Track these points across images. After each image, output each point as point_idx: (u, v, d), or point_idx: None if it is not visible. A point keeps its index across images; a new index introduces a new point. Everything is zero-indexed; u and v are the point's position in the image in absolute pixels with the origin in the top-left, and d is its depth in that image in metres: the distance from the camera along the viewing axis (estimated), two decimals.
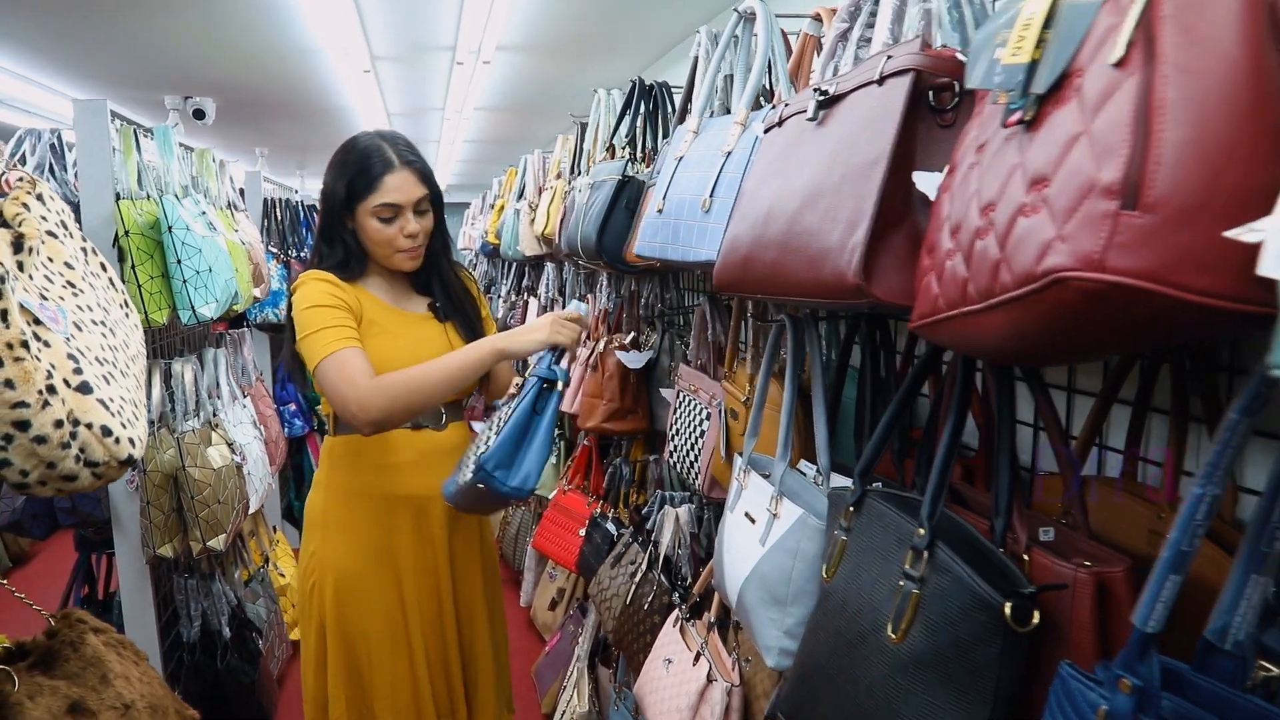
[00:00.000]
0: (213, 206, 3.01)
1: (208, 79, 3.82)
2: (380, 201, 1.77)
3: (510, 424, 1.65)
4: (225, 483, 2.75)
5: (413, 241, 1.82)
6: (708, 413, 2.01)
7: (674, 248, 1.35)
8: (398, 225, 1.80)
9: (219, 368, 3.16)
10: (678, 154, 1.43)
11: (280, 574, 3.75)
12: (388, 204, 1.77)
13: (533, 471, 1.65)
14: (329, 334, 1.72)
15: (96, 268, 1.41)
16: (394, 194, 1.78)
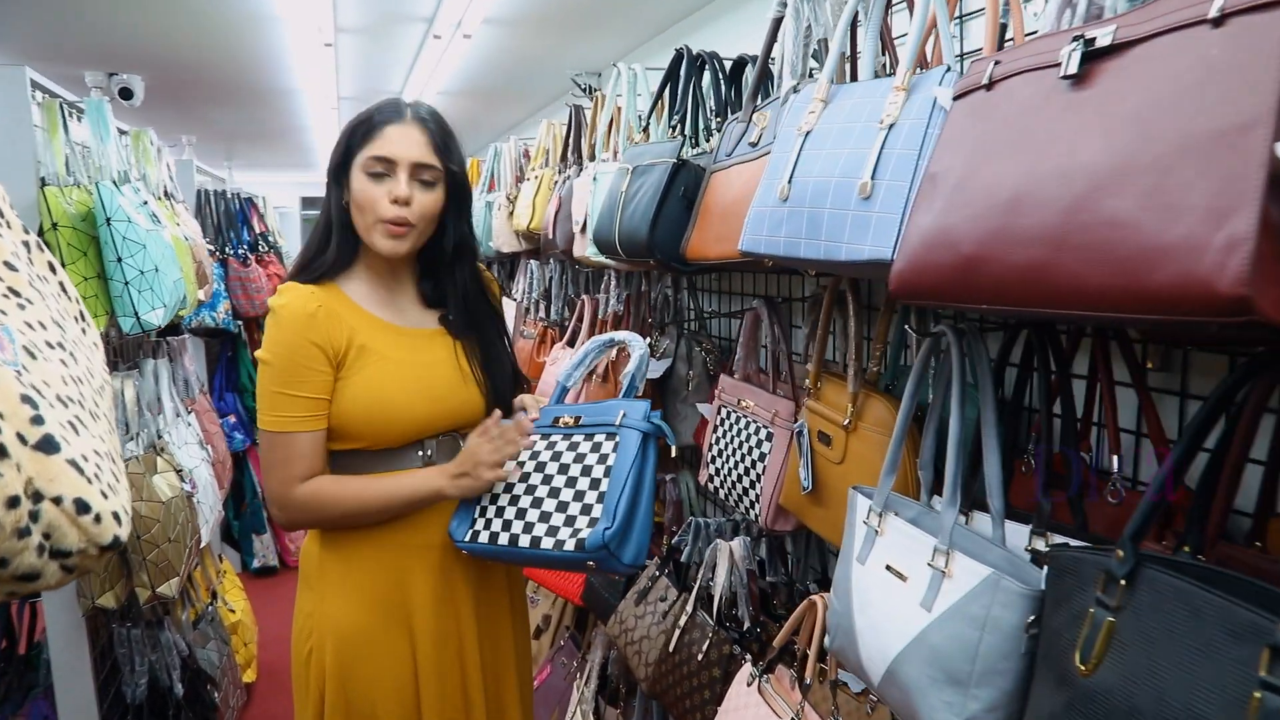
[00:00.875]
0: (152, 196, 2.61)
1: (137, 52, 3.39)
2: (372, 153, 1.46)
3: (628, 488, 1.41)
4: (175, 517, 2.37)
5: (398, 210, 1.47)
6: (767, 433, 1.74)
7: (811, 243, 1.07)
8: (385, 187, 1.47)
9: (160, 381, 2.77)
10: (802, 127, 1.15)
11: (230, 609, 3.35)
12: (379, 156, 1.46)
13: (645, 542, 1.43)
14: (285, 403, 1.45)
15: (44, 268, 1.06)
16: (390, 145, 1.46)
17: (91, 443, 0.86)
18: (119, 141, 2.37)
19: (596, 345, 1.62)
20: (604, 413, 1.52)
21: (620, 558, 1.39)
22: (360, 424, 1.49)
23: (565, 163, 2.79)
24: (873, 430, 1.39)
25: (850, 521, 1.28)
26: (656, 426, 1.47)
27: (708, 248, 1.50)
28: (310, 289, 1.50)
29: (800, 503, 1.59)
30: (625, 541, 1.40)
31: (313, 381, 1.46)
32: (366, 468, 1.53)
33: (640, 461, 1.44)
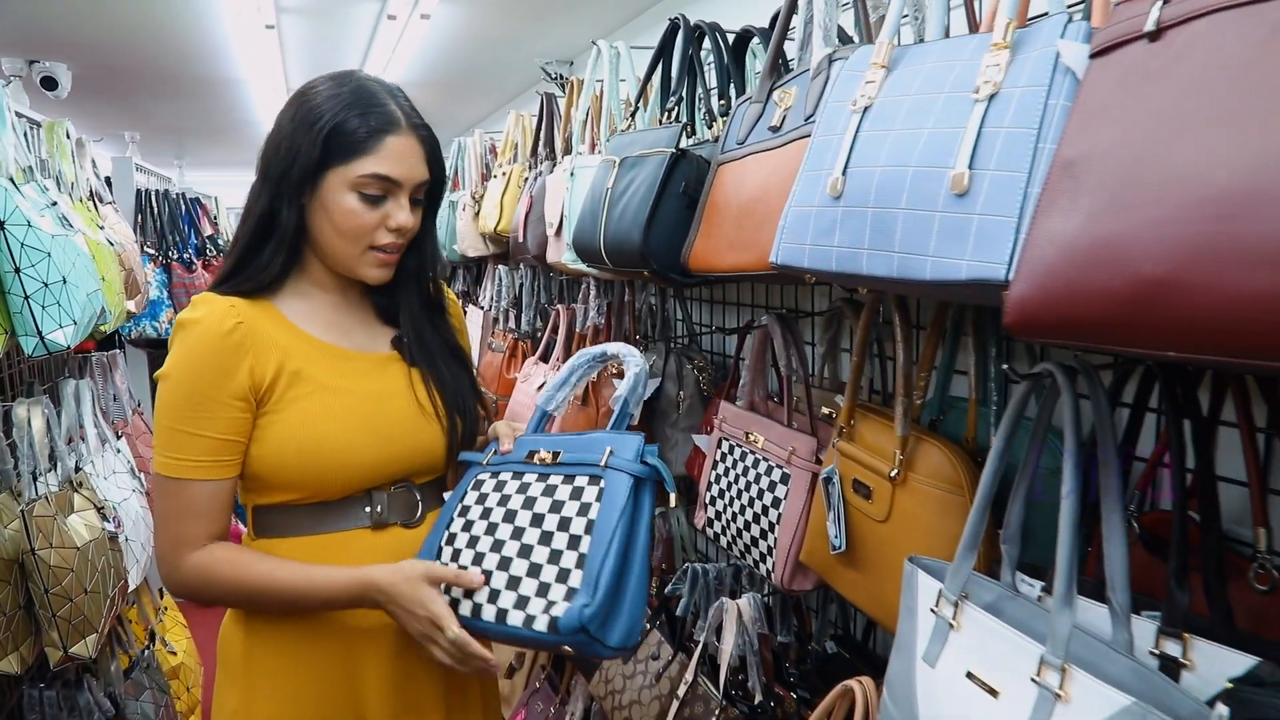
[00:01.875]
0: (66, 197, 2.29)
1: (62, 38, 3.05)
2: (371, 171, 1.18)
3: (613, 550, 1.09)
4: (94, 563, 2.06)
5: (397, 239, 1.23)
6: (782, 473, 1.47)
7: (879, 256, 0.80)
8: (382, 211, 1.21)
9: (82, 405, 2.45)
10: (858, 102, 0.88)
11: (170, 651, 3.03)
12: (380, 176, 1.19)
13: (638, 618, 1.12)
14: (182, 442, 1.16)
15: None
16: (394, 164, 1.19)
17: None
18: (20, 133, 2.05)
19: (585, 361, 1.32)
20: (587, 448, 1.20)
21: (604, 640, 1.08)
22: (292, 471, 1.20)
23: (536, 158, 2.51)
24: (928, 484, 1.12)
25: (909, 603, 1.02)
26: (652, 469, 1.15)
27: (717, 256, 1.23)
28: (230, 302, 1.20)
29: (827, 562, 1.33)
30: (611, 620, 1.09)
31: (220, 418, 1.16)
32: (299, 526, 1.24)
33: (631, 514, 1.12)
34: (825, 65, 1.08)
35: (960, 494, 1.11)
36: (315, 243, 1.25)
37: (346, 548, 1.24)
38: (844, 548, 1.25)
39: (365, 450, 1.22)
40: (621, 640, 1.10)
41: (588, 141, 2.01)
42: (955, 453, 1.12)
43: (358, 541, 1.25)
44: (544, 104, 2.44)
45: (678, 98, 1.47)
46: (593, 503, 1.15)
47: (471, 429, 1.35)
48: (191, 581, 1.19)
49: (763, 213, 1.11)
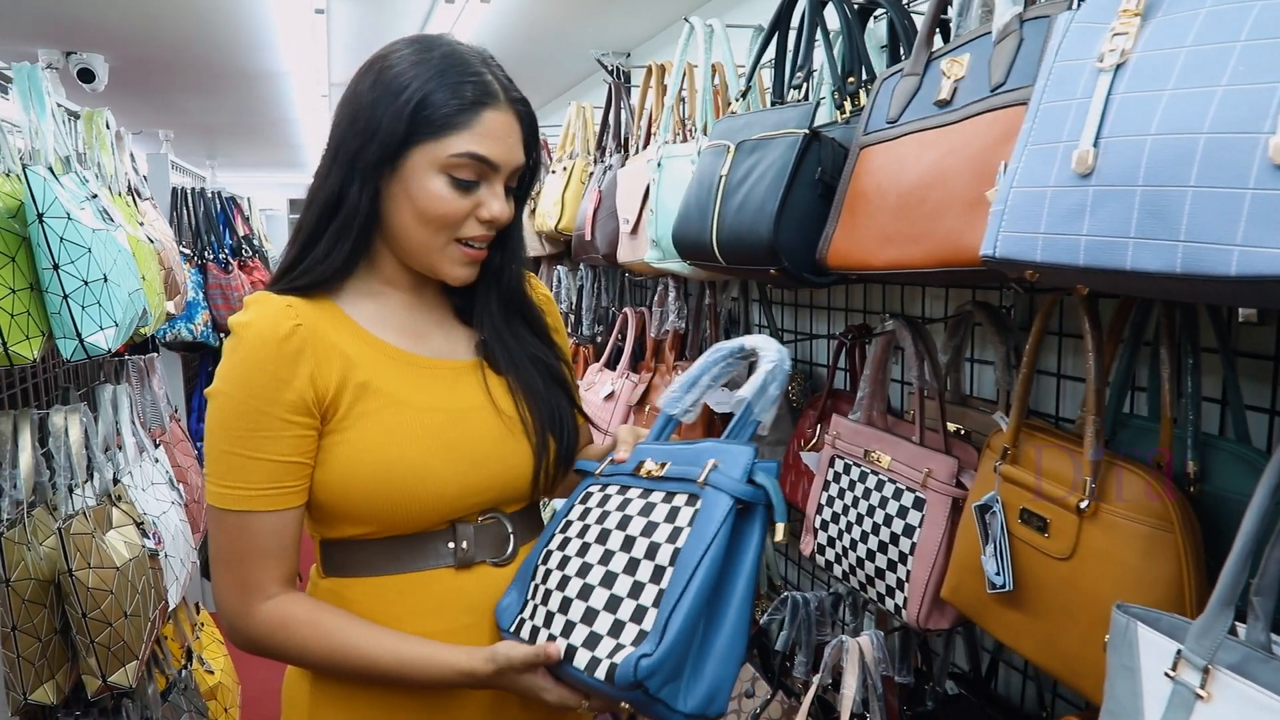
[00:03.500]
0: (106, 189, 2.16)
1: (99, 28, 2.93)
2: (467, 149, 1.01)
3: (693, 590, 0.88)
4: (134, 584, 1.92)
5: (487, 232, 1.06)
6: (915, 498, 1.30)
7: (1153, 246, 0.64)
8: (475, 199, 1.03)
9: (120, 412, 2.31)
10: (1105, 59, 0.71)
11: (208, 671, 2.89)
12: (477, 156, 1.01)
13: (726, 679, 0.89)
14: (239, 468, 0.99)
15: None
16: (492, 144, 1.02)
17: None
18: (60, 119, 1.91)
19: (720, 357, 1.10)
20: (694, 459, 0.99)
21: (670, 703, 0.87)
22: (360, 501, 1.02)
23: (603, 150, 2.35)
24: (1128, 517, 0.95)
25: (1125, 662, 0.84)
26: (761, 490, 0.93)
27: (868, 252, 1.06)
28: (287, 301, 1.03)
29: (979, 600, 1.15)
30: (683, 678, 0.88)
31: (281, 437, 0.99)
32: (373, 565, 1.07)
33: (726, 545, 0.90)
34: (1016, 26, 0.91)
35: (1169, 530, 0.93)
36: (390, 233, 1.07)
37: (428, 589, 1.07)
38: (1009, 586, 1.08)
39: (446, 477, 1.04)
40: (698, 707, 0.88)
41: (673, 130, 1.85)
42: (1161, 482, 0.95)
43: (440, 583, 1.07)
44: (611, 94, 2.28)
45: (805, 72, 1.31)
46: (685, 528, 0.94)
47: (568, 449, 1.17)
48: (262, 640, 1.02)
49: (937, 200, 0.94)
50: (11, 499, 1.85)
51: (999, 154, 0.88)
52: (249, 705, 3.25)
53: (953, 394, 1.49)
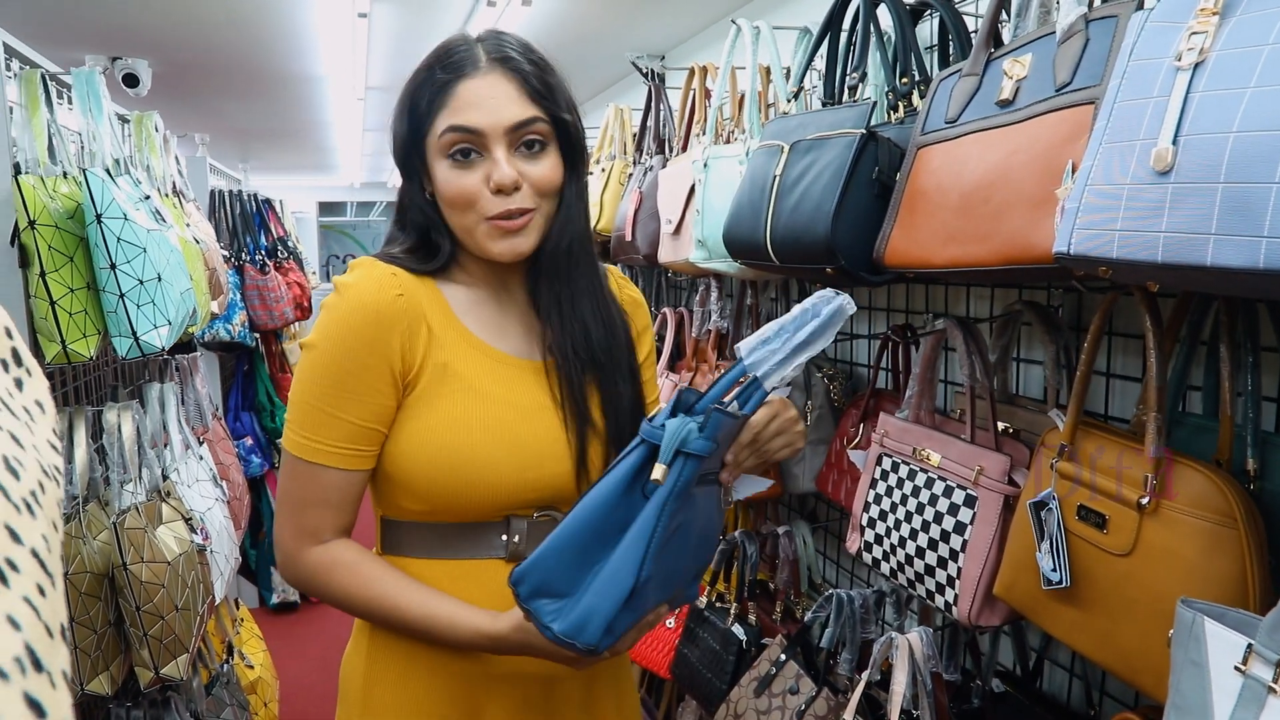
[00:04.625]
0: (157, 190, 2.20)
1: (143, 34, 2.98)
2: (446, 124, 1.02)
3: (573, 513, 0.91)
4: (184, 578, 1.95)
5: (505, 201, 1.03)
6: (966, 495, 1.31)
7: (1237, 243, 0.64)
8: (481, 171, 1.03)
9: (167, 410, 2.35)
10: (1183, 57, 0.71)
11: (249, 665, 2.93)
12: (455, 127, 1.01)
13: (597, 611, 0.89)
14: (321, 423, 1.03)
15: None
16: (469, 111, 1.01)
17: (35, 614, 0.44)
18: (115, 123, 1.95)
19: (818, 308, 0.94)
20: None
21: (541, 617, 0.91)
22: (421, 480, 1.05)
23: (642, 151, 2.37)
24: (1191, 514, 0.95)
25: (1193, 657, 0.85)
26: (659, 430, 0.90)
27: (928, 251, 1.07)
28: (393, 270, 1.05)
29: (1033, 597, 1.16)
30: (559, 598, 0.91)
31: (366, 402, 1.02)
32: (428, 547, 1.09)
33: (615, 481, 0.91)
34: (1082, 26, 0.92)
35: (1233, 526, 0.94)
36: (448, 227, 1.10)
37: (478, 579, 1.09)
38: (1066, 583, 1.09)
39: (505, 470, 1.06)
40: (565, 630, 0.89)
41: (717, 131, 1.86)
42: (1223, 478, 0.96)
43: (490, 573, 1.08)
44: (651, 95, 2.30)
45: (860, 73, 1.32)
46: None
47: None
48: (309, 579, 1.07)
49: (1002, 199, 0.95)
50: (67, 493, 1.89)
51: (1065, 153, 0.89)
52: (286, 699, 3.29)
53: (1001, 393, 1.49)
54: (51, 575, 0.50)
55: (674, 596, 1.03)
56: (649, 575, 0.89)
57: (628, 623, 0.92)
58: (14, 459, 0.53)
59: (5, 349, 0.65)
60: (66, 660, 0.45)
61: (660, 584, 0.94)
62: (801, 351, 0.92)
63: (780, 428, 1.03)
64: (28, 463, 0.55)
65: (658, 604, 0.98)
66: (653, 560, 0.89)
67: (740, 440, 0.99)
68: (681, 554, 0.97)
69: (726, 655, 1.92)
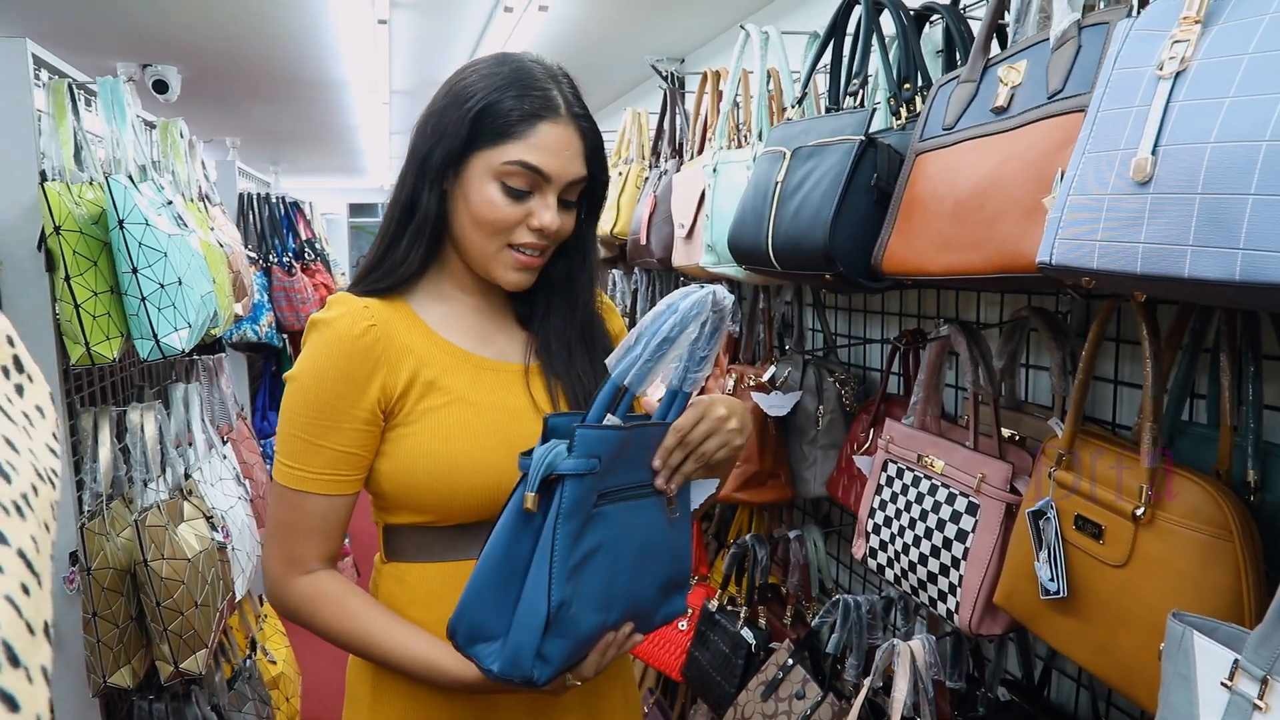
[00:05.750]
0: (180, 196, 2.25)
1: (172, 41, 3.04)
2: (518, 158, 1.05)
3: (479, 565, 0.93)
4: (204, 575, 1.99)
5: (539, 241, 1.09)
6: (968, 502, 1.30)
7: (1211, 255, 0.64)
8: (526, 207, 1.07)
9: (190, 409, 2.40)
10: (1165, 67, 0.71)
11: (271, 661, 2.98)
12: (527, 165, 1.05)
13: (524, 644, 0.90)
14: (303, 451, 1.06)
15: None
16: (544, 155, 1.05)
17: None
18: (139, 130, 2.00)
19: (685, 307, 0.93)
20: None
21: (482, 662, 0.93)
22: (421, 490, 1.08)
23: (658, 156, 2.38)
24: (1185, 525, 0.94)
25: (1181, 670, 0.84)
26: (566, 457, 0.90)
27: (924, 258, 1.07)
28: (365, 303, 1.09)
29: (1031, 607, 1.15)
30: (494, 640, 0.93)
31: (345, 430, 1.06)
32: (431, 551, 1.12)
33: (508, 520, 0.93)
34: (1075, 32, 0.92)
35: (1228, 539, 0.93)
36: (455, 237, 1.13)
37: None
38: (1061, 592, 1.08)
39: (501, 470, 1.08)
40: (503, 669, 0.91)
41: (728, 136, 1.87)
42: (1219, 490, 0.95)
43: None
44: (667, 99, 2.31)
45: (861, 79, 1.32)
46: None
47: None
48: (295, 609, 1.10)
49: (994, 207, 0.95)
50: (92, 491, 1.94)
51: (1056, 161, 0.88)
52: (308, 694, 3.33)
53: (1008, 399, 1.48)
54: (38, 575, 0.52)
55: (642, 614, 1.03)
56: (564, 598, 0.89)
57: (563, 649, 0.92)
58: (7, 464, 0.55)
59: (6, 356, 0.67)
60: (48, 657, 0.47)
61: (596, 605, 0.94)
62: (667, 348, 0.91)
63: (710, 429, 1.00)
64: (21, 467, 0.57)
65: (606, 625, 0.98)
66: (562, 583, 0.89)
67: (665, 445, 0.99)
68: (617, 572, 0.96)
69: (735, 658, 1.93)
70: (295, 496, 1.07)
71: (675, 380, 1.00)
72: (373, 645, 1.07)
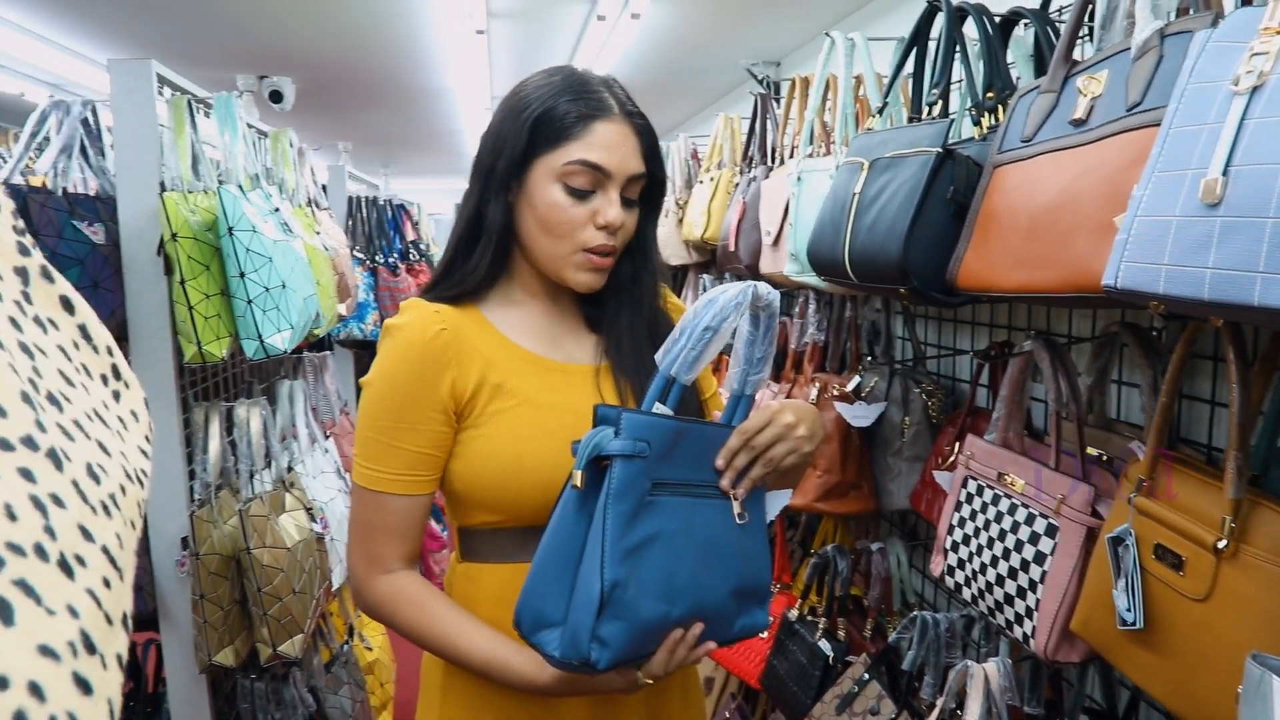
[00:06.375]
0: (289, 203, 2.37)
1: (287, 54, 3.21)
2: (577, 157, 1.07)
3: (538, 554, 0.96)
4: (302, 564, 2.09)
5: (606, 239, 1.11)
6: (1048, 524, 1.26)
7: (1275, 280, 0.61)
8: (591, 206, 1.10)
9: (295, 405, 2.52)
10: (1241, 81, 0.68)
11: (367, 647, 3.10)
12: (588, 163, 1.07)
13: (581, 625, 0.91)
14: (380, 453, 1.10)
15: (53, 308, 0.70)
16: (603, 151, 1.08)
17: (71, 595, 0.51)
18: (249, 141, 2.12)
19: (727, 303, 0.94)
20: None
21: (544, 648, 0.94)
22: (491, 490, 1.12)
23: (748, 162, 2.37)
24: (1270, 560, 0.89)
25: (1260, 717, 0.80)
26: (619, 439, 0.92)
27: (998, 275, 1.04)
28: (436, 308, 1.14)
29: (1109, 637, 1.11)
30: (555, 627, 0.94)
31: (420, 431, 1.09)
32: (503, 552, 1.15)
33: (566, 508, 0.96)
34: (1157, 41, 0.88)
35: None
36: (523, 244, 1.16)
37: None
38: (1139, 624, 1.03)
39: (567, 471, 1.11)
40: (564, 653, 0.92)
41: (817, 143, 1.85)
42: None
43: None
44: (758, 105, 2.30)
45: (941, 89, 1.29)
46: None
47: None
48: (377, 607, 1.14)
49: (1068, 224, 0.92)
50: (202, 481, 2.07)
51: (1132, 177, 0.85)
52: (402, 681, 3.45)
53: (1097, 417, 1.43)
54: (121, 570, 0.57)
55: (713, 616, 1.02)
56: (617, 578, 0.90)
57: (622, 633, 0.92)
58: (98, 465, 0.60)
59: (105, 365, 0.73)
60: (123, 645, 0.52)
61: (657, 594, 0.94)
62: (710, 337, 0.91)
63: (777, 434, 0.99)
64: (111, 469, 0.63)
65: (670, 618, 0.97)
66: (615, 563, 0.90)
67: (729, 446, 0.99)
68: (678, 564, 0.96)
69: (812, 670, 1.91)
70: (374, 497, 1.11)
71: (736, 384, 1.00)
72: (449, 646, 1.10)
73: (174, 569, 2.04)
